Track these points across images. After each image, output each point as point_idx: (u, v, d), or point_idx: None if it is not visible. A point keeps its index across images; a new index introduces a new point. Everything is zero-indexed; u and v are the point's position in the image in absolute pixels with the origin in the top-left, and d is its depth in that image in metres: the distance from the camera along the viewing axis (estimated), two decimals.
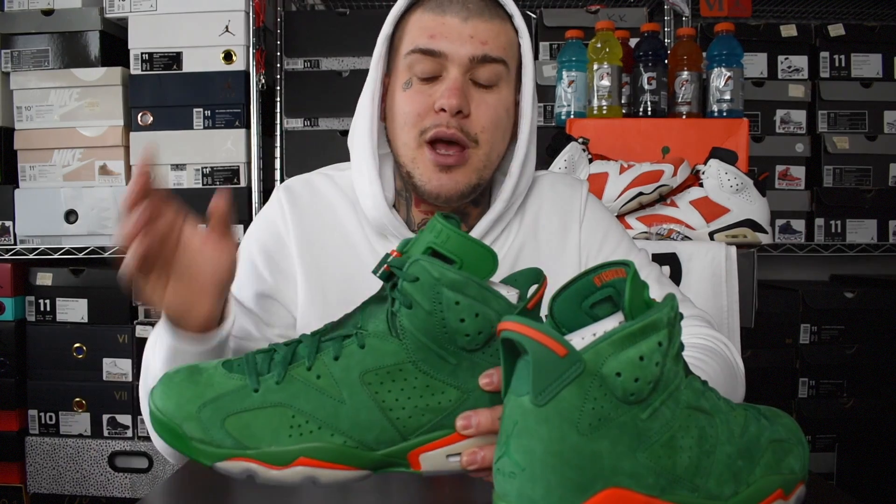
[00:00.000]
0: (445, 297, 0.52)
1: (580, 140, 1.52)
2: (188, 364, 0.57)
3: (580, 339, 0.49)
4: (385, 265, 0.56)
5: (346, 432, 0.54)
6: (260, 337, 0.86)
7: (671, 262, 1.42)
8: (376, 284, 0.59)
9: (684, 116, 1.65)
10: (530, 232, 0.94)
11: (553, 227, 0.95)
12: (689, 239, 1.46)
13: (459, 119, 0.83)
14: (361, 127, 0.90)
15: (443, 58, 0.83)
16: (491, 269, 0.55)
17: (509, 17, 0.88)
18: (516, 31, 0.89)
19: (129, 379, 1.90)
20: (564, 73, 1.69)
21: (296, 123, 2.01)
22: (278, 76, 2.02)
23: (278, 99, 2.02)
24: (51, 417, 1.92)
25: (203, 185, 1.92)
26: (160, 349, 0.71)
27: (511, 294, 0.56)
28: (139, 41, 1.92)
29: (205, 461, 0.54)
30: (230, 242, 0.69)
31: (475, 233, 0.90)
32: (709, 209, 1.47)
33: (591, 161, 1.51)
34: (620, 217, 1.49)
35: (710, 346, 0.84)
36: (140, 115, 1.92)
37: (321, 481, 0.54)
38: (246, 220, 1.92)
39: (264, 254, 0.92)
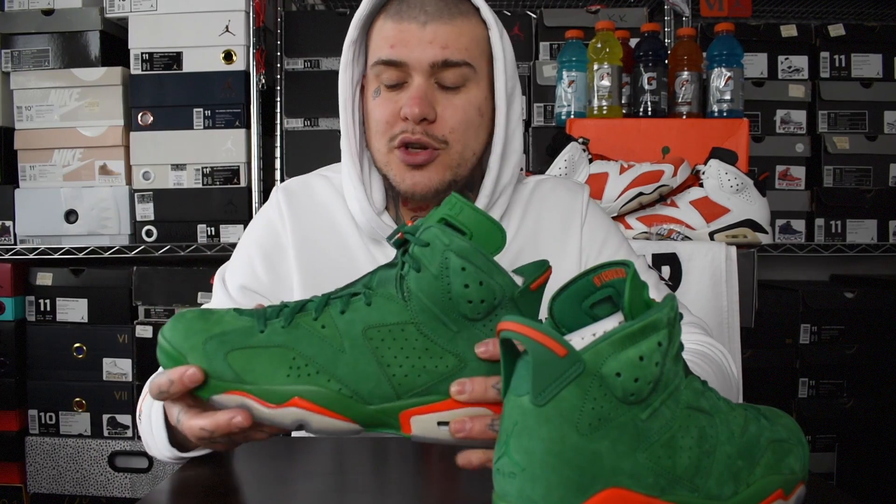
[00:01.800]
0: (453, 262, 0.54)
1: (580, 140, 1.52)
2: (201, 308, 0.59)
3: (580, 339, 0.49)
4: (399, 233, 0.58)
5: (343, 380, 0.55)
6: None
7: (671, 262, 1.42)
8: None
9: (684, 116, 1.65)
10: (530, 236, 0.94)
11: (554, 230, 0.95)
12: (689, 239, 1.46)
13: (425, 125, 0.83)
14: (342, 132, 0.91)
15: (405, 66, 0.83)
16: (500, 244, 0.57)
17: (476, 10, 0.87)
18: (485, 24, 0.87)
19: (129, 379, 1.90)
20: (564, 73, 1.69)
21: (296, 123, 2.01)
22: (278, 76, 2.02)
23: (278, 99, 2.02)
24: (51, 417, 1.92)
25: (203, 185, 1.92)
26: (162, 450, 0.70)
27: (516, 280, 0.57)
28: (139, 41, 1.92)
29: (203, 394, 0.56)
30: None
31: None
32: (709, 209, 1.47)
33: (591, 161, 1.51)
34: (620, 217, 1.50)
35: (706, 352, 0.84)
36: (140, 115, 1.92)
37: (312, 426, 0.55)
38: (246, 221, 1.92)
39: (262, 254, 0.92)
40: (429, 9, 0.83)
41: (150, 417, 0.71)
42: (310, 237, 0.92)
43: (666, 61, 1.67)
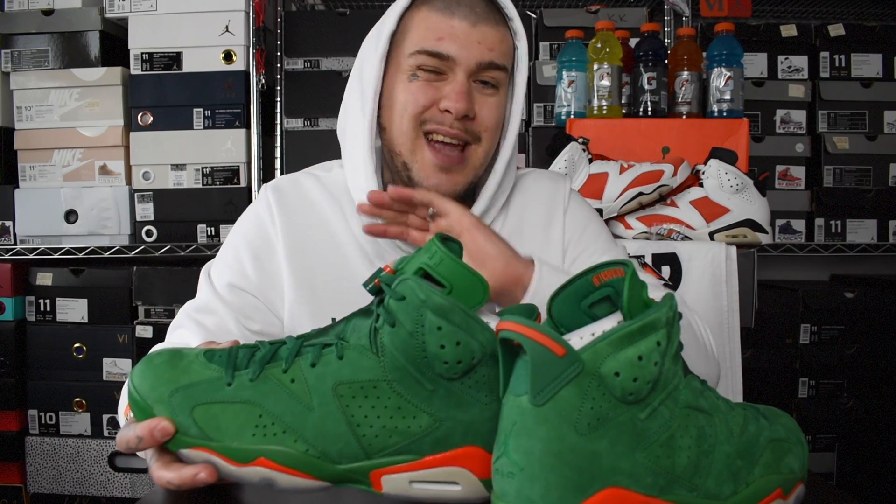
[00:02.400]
0: (429, 320, 0.51)
1: (580, 140, 1.52)
2: (172, 348, 0.57)
3: (579, 338, 0.49)
4: (376, 279, 0.55)
5: (310, 441, 0.53)
6: (238, 334, 0.86)
7: (671, 262, 1.42)
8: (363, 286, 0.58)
9: (684, 116, 1.65)
10: (515, 228, 0.95)
11: (538, 220, 0.96)
12: (689, 239, 1.46)
13: (465, 122, 0.84)
14: (359, 123, 0.89)
15: (450, 61, 0.84)
16: (481, 298, 0.54)
17: (508, 20, 0.89)
18: (512, 34, 0.89)
19: None
20: (564, 73, 1.69)
21: (296, 123, 2.01)
22: (278, 76, 2.02)
23: (278, 99, 2.02)
24: (51, 417, 1.92)
25: (203, 185, 1.92)
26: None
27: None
28: (139, 41, 1.92)
29: (170, 446, 0.54)
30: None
31: None
32: (709, 209, 1.47)
33: (591, 161, 1.51)
34: (620, 217, 1.49)
35: (686, 316, 0.85)
36: (140, 115, 1.92)
37: (279, 485, 0.54)
38: None
39: (251, 252, 0.91)
40: (478, 10, 0.85)
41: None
42: (300, 235, 0.92)
43: (666, 61, 1.67)
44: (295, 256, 0.91)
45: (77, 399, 1.91)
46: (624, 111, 1.68)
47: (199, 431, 0.53)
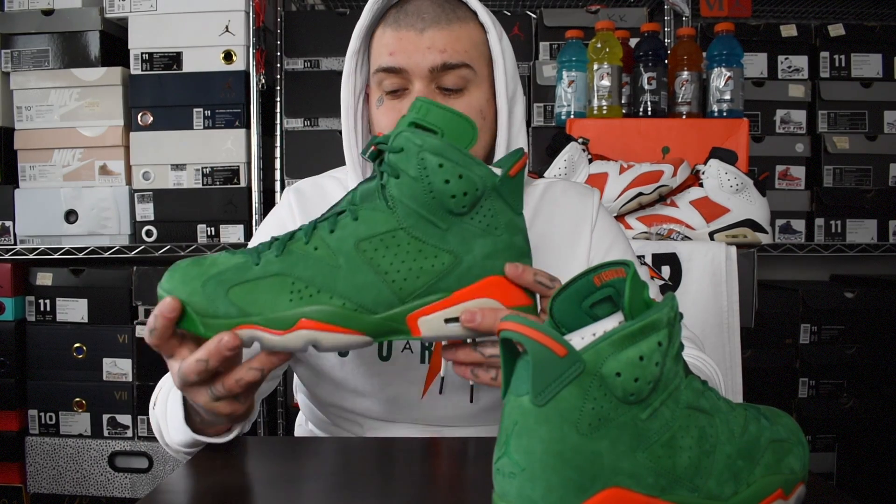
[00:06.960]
0: (429, 161, 0.55)
1: (580, 140, 1.52)
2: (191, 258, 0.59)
3: (580, 339, 0.49)
4: (372, 145, 0.59)
5: (345, 294, 0.56)
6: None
7: (671, 262, 1.42)
8: None
9: (684, 116, 1.65)
10: (541, 239, 0.93)
11: (564, 234, 0.95)
12: (689, 239, 1.46)
13: None
14: (344, 140, 0.91)
15: (405, 72, 0.84)
16: (472, 137, 0.58)
17: (474, 15, 0.87)
18: (483, 28, 0.87)
19: (129, 379, 1.91)
20: (564, 74, 1.69)
21: (296, 123, 2.01)
22: (278, 76, 2.02)
23: (278, 99, 2.02)
24: (51, 417, 1.92)
25: (203, 185, 1.92)
26: (176, 433, 0.71)
27: (495, 170, 0.59)
28: (139, 41, 1.92)
29: (210, 334, 0.56)
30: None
31: None
32: (709, 209, 1.47)
33: (591, 161, 1.51)
34: (620, 217, 1.50)
35: (698, 365, 0.84)
36: (140, 115, 1.92)
37: (323, 345, 0.56)
38: (246, 221, 1.92)
39: None
40: (426, 15, 0.84)
41: (167, 403, 0.73)
42: None
43: (666, 61, 1.67)
44: None
45: (77, 399, 1.91)
46: (624, 111, 1.68)
47: (238, 310, 0.56)
